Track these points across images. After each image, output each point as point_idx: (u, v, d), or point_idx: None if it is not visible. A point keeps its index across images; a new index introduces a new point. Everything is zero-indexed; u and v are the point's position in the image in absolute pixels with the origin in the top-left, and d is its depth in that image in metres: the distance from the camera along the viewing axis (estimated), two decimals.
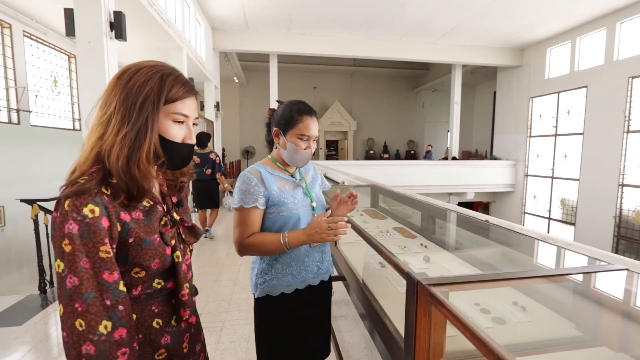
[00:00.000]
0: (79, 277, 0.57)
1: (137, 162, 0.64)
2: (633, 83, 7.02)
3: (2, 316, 2.29)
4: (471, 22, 7.81)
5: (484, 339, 0.50)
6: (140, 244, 0.66)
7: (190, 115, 0.72)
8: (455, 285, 0.63)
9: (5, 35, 4.51)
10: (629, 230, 7.18)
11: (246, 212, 1.05)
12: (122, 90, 0.65)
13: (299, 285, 1.12)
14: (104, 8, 3.15)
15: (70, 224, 0.58)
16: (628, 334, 0.71)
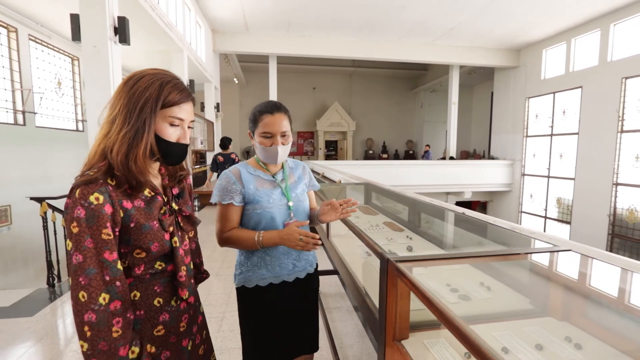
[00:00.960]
0: (83, 255, 0.66)
1: (135, 158, 0.72)
2: (626, 84, 7.13)
3: (13, 308, 2.42)
4: (468, 24, 7.93)
5: (437, 303, 0.61)
6: (140, 228, 0.74)
7: (186, 118, 0.80)
8: (417, 262, 0.75)
9: (11, 39, 4.64)
10: (623, 229, 7.29)
11: (224, 208, 1.12)
12: (127, 95, 0.74)
13: (273, 280, 1.15)
14: (108, 13, 3.27)
15: (79, 209, 0.67)
16: (570, 305, 0.83)
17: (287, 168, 1.25)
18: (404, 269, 0.71)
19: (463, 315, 0.86)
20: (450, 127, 10.78)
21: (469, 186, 10.07)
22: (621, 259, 0.83)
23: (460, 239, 1.33)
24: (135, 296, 0.77)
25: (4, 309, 2.40)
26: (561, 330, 0.76)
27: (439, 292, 0.96)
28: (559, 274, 0.86)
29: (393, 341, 0.76)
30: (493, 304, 0.92)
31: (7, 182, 4.41)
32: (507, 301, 0.93)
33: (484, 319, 0.83)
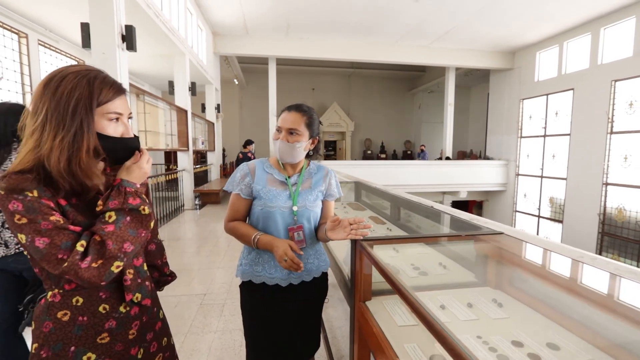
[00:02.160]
0: (49, 235, 0.64)
1: (78, 162, 0.68)
2: (616, 86, 7.33)
3: None
4: (462, 27, 8.14)
5: (388, 272, 0.82)
6: (78, 224, 0.70)
7: (124, 112, 0.76)
8: (376, 241, 0.96)
9: (22, 45, 4.85)
10: (612, 227, 7.50)
11: (233, 197, 1.15)
12: (52, 98, 0.67)
13: (267, 280, 1.12)
14: (116, 22, 3.49)
15: (13, 204, 0.63)
16: (502, 276, 1.04)
17: (307, 172, 1.20)
18: (366, 246, 0.92)
19: (417, 285, 1.07)
20: (447, 127, 10.98)
21: (465, 186, 10.27)
22: (544, 241, 1.04)
23: (428, 227, 1.54)
24: (77, 302, 0.73)
25: None
26: (492, 295, 0.98)
27: (403, 269, 1.18)
28: (496, 252, 1.07)
29: (360, 302, 0.97)
30: (445, 278, 1.13)
31: None
32: (456, 275, 1.14)
33: (434, 288, 1.04)
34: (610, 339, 0.74)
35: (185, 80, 6.43)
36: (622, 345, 0.70)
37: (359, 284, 0.96)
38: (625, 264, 0.81)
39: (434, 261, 1.25)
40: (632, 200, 7.09)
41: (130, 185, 0.74)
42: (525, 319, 0.86)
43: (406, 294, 0.69)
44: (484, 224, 1.16)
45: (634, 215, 7.06)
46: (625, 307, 0.76)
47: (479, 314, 0.88)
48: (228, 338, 2.05)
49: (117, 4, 3.50)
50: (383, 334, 0.81)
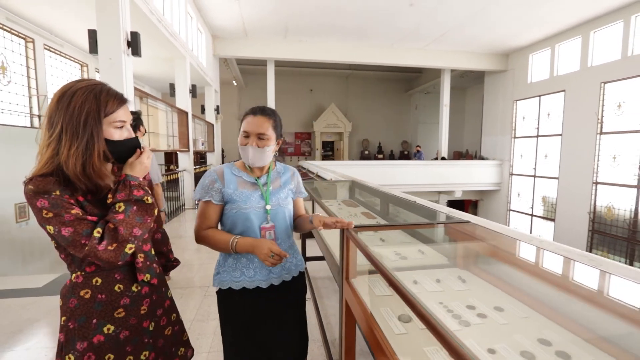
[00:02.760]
0: (72, 225, 0.75)
1: (92, 166, 0.79)
2: (605, 88, 7.55)
3: (45, 288, 2.81)
4: (457, 31, 8.34)
5: (370, 253, 0.99)
6: (95, 216, 0.81)
7: (127, 119, 0.88)
8: (361, 228, 1.14)
9: (28, 49, 5.01)
10: (602, 225, 7.71)
11: (203, 205, 1.13)
12: (65, 113, 0.78)
13: (247, 284, 1.11)
14: (122, 29, 3.65)
15: (40, 201, 0.74)
16: (468, 258, 1.22)
17: (274, 172, 1.22)
18: (352, 233, 1.10)
19: (396, 267, 1.25)
20: (442, 128, 11.18)
21: (460, 185, 10.46)
22: (503, 227, 1.22)
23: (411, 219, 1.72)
24: (97, 282, 0.85)
25: (38, 289, 2.79)
26: (458, 274, 1.16)
27: (387, 255, 1.36)
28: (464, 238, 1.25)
29: (347, 279, 1.14)
30: (421, 261, 1.31)
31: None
32: (431, 259, 1.32)
33: (412, 269, 1.22)
34: (546, 303, 0.92)
35: (186, 82, 6.59)
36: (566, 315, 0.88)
37: (346, 264, 1.14)
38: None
39: (414, 248, 1.43)
40: (621, 199, 7.30)
41: (134, 179, 0.86)
42: (482, 291, 1.04)
43: (383, 270, 0.86)
44: (455, 214, 1.34)
45: (622, 213, 7.27)
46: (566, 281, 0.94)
47: (444, 287, 1.06)
48: None
49: (122, 11, 3.66)
50: (363, 302, 0.99)
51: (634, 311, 0.73)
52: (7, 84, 4.69)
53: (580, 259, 0.93)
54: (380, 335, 0.83)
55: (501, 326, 0.84)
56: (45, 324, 2.27)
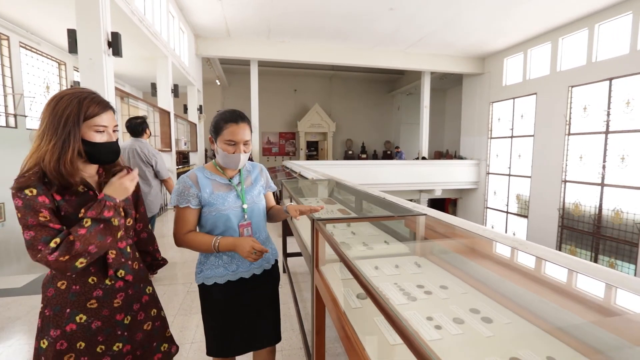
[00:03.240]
0: (34, 230, 0.82)
1: (64, 163, 0.86)
2: (572, 91, 8.00)
3: (25, 288, 2.81)
4: (434, 35, 8.63)
5: (333, 243, 1.12)
6: (69, 216, 0.89)
7: (109, 125, 0.94)
8: (327, 220, 1.27)
9: (3, 47, 4.89)
10: (570, 221, 8.16)
11: (181, 211, 1.17)
12: (51, 114, 0.87)
13: (230, 277, 1.20)
14: (102, 29, 3.66)
15: (17, 200, 0.83)
16: (424, 246, 1.37)
17: (244, 171, 1.29)
18: (321, 225, 1.23)
19: (362, 256, 1.39)
20: (422, 129, 11.51)
21: (440, 184, 10.79)
22: (452, 218, 1.38)
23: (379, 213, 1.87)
24: (72, 274, 0.90)
25: (17, 289, 2.78)
26: (415, 260, 1.31)
27: (355, 246, 1.50)
28: (421, 229, 1.40)
29: (317, 267, 1.27)
30: (385, 251, 1.46)
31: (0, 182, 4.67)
32: (394, 248, 1.47)
33: (376, 257, 1.36)
34: (483, 281, 1.07)
35: (168, 82, 6.57)
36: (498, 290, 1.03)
37: (315, 253, 1.27)
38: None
39: (381, 239, 1.58)
40: (587, 196, 7.76)
41: (111, 200, 0.91)
42: (433, 274, 1.19)
43: (343, 256, 0.99)
44: (414, 209, 1.50)
45: (588, 209, 7.74)
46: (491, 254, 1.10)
47: (401, 271, 1.20)
48: None
49: (103, 11, 3.67)
50: (329, 285, 1.12)
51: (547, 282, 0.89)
52: None
53: (510, 243, 1.09)
54: (340, 310, 0.97)
55: (442, 300, 0.98)
56: (26, 322, 2.30)
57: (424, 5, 6.87)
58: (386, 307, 0.64)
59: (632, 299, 0.71)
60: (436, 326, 0.84)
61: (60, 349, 0.90)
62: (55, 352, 0.89)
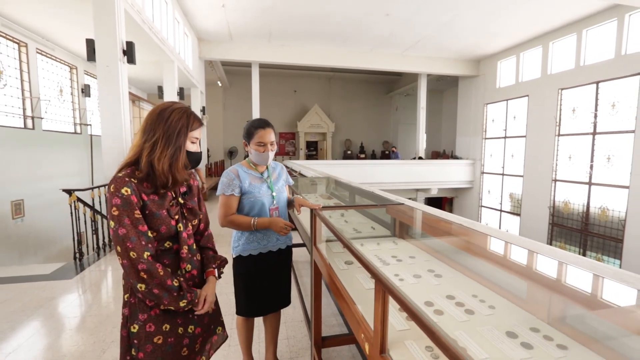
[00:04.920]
0: (126, 229, 0.93)
1: (177, 168, 1.01)
2: (562, 94, 8.31)
3: (54, 274, 3.13)
4: (429, 39, 8.95)
5: (330, 226, 1.44)
6: (152, 215, 1.00)
7: (200, 137, 1.12)
8: (325, 208, 1.59)
9: (22, 53, 5.20)
10: (560, 219, 8.48)
11: (227, 198, 1.48)
12: (165, 124, 1.00)
13: (262, 250, 1.55)
14: (118, 39, 3.97)
15: (115, 199, 0.94)
16: (401, 229, 1.69)
17: (270, 168, 1.63)
18: (318, 212, 1.54)
19: (351, 237, 1.71)
20: (419, 129, 11.81)
21: (436, 183, 11.08)
22: (424, 207, 1.70)
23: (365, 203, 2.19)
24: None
25: (47, 274, 3.11)
26: (393, 240, 1.62)
27: (347, 230, 1.81)
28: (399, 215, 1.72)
29: (315, 245, 1.59)
30: (371, 233, 1.77)
31: (20, 180, 4.99)
32: (378, 232, 1.78)
33: (363, 238, 1.68)
34: (443, 252, 1.39)
35: (174, 85, 6.87)
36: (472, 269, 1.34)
37: (314, 234, 1.58)
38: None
39: (368, 226, 1.90)
40: (576, 195, 8.08)
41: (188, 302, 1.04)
42: (407, 249, 1.51)
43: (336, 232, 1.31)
44: (394, 199, 1.82)
45: (577, 207, 8.06)
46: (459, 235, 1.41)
47: (381, 247, 1.52)
48: (225, 299, 2.63)
49: (118, 22, 3.98)
50: (324, 257, 1.44)
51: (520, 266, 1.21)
52: (3, 87, 4.89)
53: (463, 222, 1.41)
54: (332, 272, 1.28)
55: (409, 265, 1.30)
56: (60, 301, 2.62)
57: (418, 11, 7.18)
58: (368, 264, 0.95)
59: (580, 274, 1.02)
60: (400, 279, 1.15)
61: (149, 331, 1.01)
62: (146, 334, 1.00)
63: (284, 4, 6.88)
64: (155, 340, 1.01)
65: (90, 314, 2.44)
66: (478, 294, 1.02)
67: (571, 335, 0.80)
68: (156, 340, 1.01)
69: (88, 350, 1.98)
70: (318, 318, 1.64)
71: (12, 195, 4.87)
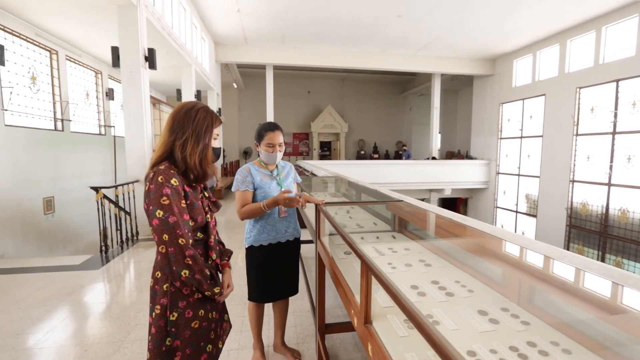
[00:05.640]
0: (176, 216, 1.00)
1: (207, 162, 1.12)
2: (580, 93, 8.13)
3: (82, 265, 3.40)
4: (442, 39, 8.92)
5: (331, 220, 1.57)
6: (192, 205, 1.09)
7: (219, 134, 1.22)
8: (328, 204, 1.71)
9: (53, 60, 5.58)
10: (578, 220, 8.29)
11: (242, 193, 1.63)
12: (193, 122, 1.09)
13: (272, 241, 1.70)
14: (140, 46, 4.22)
15: (166, 189, 1.01)
16: (400, 224, 1.80)
17: (280, 167, 1.78)
18: (322, 207, 1.68)
19: (353, 232, 1.83)
20: (433, 129, 11.75)
21: (449, 184, 11.00)
22: (422, 204, 1.80)
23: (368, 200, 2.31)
24: None
25: (77, 265, 3.38)
26: (392, 234, 1.74)
27: (350, 225, 1.94)
28: (398, 211, 1.83)
29: (319, 238, 1.73)
30: (373, 228, 1.89)
31: (50, 178, 5.36)
32: (379, 226, 1.90)
33: (364, 232, 1.80)
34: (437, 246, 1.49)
35: (191, 88, 7.15)
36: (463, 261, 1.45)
37: (317, 228, 1.72)
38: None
39: (370, 222, 2.02)
40: (594, 196, 7.88)
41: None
42: (403, 242, 1.62)
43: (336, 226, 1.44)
44: (395, 196, 1.93)
45: (596, 209, 7.86)
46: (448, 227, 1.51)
47: (381, 241, 1.64)
48: (238, 290, 2.80)
49: (140, 30, 4.23)
50: (327, 248, 1.57)
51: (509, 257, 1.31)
52: (37, 92, 5.26)
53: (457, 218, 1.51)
54: (333, 262, 1.41)
55: (403, 256, 1.42)
56: (89, 289, 2.86)
57: (430, 11, 7.20)
58: (364, 258, 1.08)
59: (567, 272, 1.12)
60: (392, 267, 1.27)
61: (188, 317, 1.08)
62: (184, 320, 1.07)
63: (296, 8, 7.06)
64: (193, 325, 1.09)
65: (115, 301, 2.66)
66: (460, 281, 1.13)
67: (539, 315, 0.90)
68: (193, 325, 1.09)
69: (114, 332, 2.18)
70: (322, 306, 1.78)
71: (43, 192, 5.24)
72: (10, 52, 4.75)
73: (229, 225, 5.29)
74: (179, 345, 1.06)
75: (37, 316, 2.39)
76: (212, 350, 1.16)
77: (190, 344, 1.08)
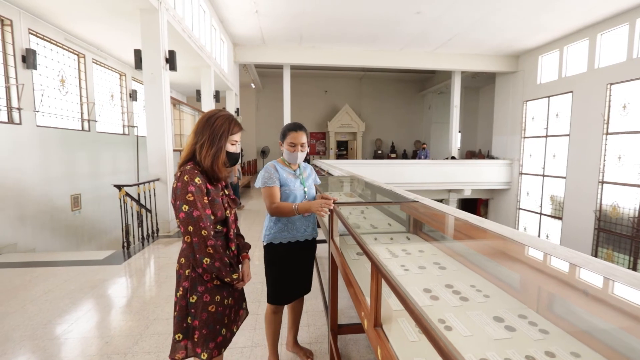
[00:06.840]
0: (199, 211, 1.13)
1: (218, 166, 1.21)
2: (611, 89, 7.72)
3: (106, 260, 3.54)
4: (463, 36, 8.69)
5: (344, 220, 1.56)
6: (213, 201, 1.21)
7: (239, 140, 1.30)
8: (341, 204, 1.70)
9: (80, 64, 5.84)
10: (607, 224, 7.88)
11: (270, 189, 1.65)
12: (210, 128, 1.21)
13: (291, 239, 1.71)
14: (161, 48, 4.34)
15: (191, 187, 1.13)
16: (415, 224, 1.76)
17: (302, 167, 1.81)
18: (336, 207, 1.67)
19: (367, 232, 1.81)
20: (452, 128, 11.47)
21: (469, 184, 10.69)
22: (438, 204, 1.76)
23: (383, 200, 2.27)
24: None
25: (100, 260, 3.52)
26: (407, 235, 1.71)
27: (364, 225, 1.92)
28: (413, 212, 1.80)
29: (332, 238, 1.72)
30: (387, 229, 1.86)
31: (78, 176, 5.62)
32: (393, 227, 1.87)
33: (378, 234, 1.78)
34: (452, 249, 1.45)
35: (211, 89, 7.30)
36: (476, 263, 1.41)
37: (330, 228, 1.71)
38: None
39: (385, 222, 1.99)
40: (625, 198, 7.47)
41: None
42: (418, 244, 1.59)
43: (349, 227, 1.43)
44: (410, 197, 1.89)
45: (627, 212, 7.44)
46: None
47: (395, 242, 1.61)
48: (252, 287, 2.84)
49: (162, 33, 4.35)
50: (339, 248, 1.56)
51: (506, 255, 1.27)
52: (66, 94, 5.53)
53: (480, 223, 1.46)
54: (344, 261, 1.40)
55: (417, 258, 1.39)
56: (112, 282, 2.97)
57: (451, 8, 7.03)
58: (374, 259, 1.07)
59: None
60: (405, 269, 1.25)
61: (206, 301, 1.20)
62: (203, 303, 1.19)
63: (313, 9, 7.06)
64: (210, 309, 1.21)
65: (135, 295, 2.75)
66: (476, 285, 1.09)
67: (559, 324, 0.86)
68: (210, 308, 1.21)
69: (134, 326, 2.26)
70: (334, 306, 1.77)
71: (71, 190, 5.50)
72: (41, 57, 5.01)
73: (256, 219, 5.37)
74: (197, 325, 1.18)
75: (63, 307, 2.51)
76: (226, 333, 1.27)
77: (207, 325, 1.20)
